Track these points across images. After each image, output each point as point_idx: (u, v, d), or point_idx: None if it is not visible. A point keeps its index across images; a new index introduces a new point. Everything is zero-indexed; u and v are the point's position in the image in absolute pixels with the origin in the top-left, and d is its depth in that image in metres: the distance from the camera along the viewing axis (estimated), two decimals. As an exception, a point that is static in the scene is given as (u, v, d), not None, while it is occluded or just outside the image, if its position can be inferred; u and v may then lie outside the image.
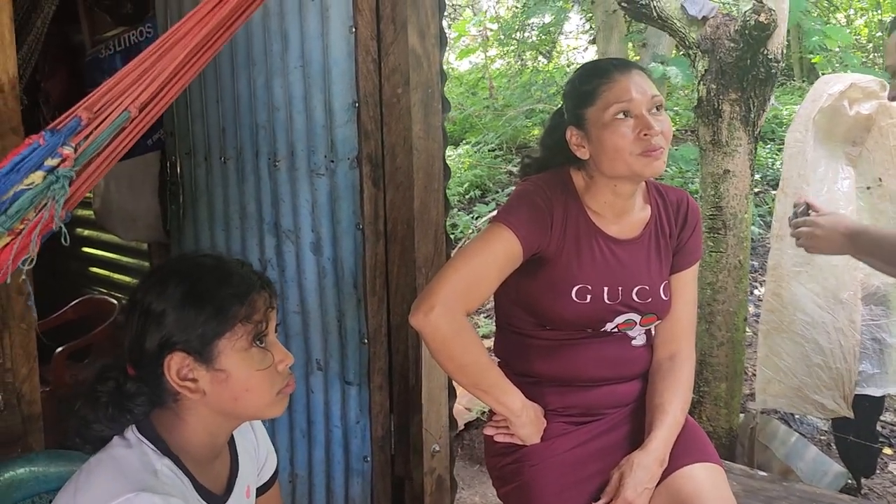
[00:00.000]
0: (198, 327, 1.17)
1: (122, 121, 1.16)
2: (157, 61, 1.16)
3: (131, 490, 1.08)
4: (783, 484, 1.91)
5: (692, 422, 1.78)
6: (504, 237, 1.59)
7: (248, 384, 1.20)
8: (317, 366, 2.42)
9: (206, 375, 1.18)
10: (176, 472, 1.17)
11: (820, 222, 1.96)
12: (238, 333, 1.19)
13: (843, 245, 1.96)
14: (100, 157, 1.17)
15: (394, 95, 2.19)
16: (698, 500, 1.57)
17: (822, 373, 2.70)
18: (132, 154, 3.27)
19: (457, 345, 1.58)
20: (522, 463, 1.70)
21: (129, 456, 1.16)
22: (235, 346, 1.19)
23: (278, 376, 1.23)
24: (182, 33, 1.17)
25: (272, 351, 1.23)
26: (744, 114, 3.03)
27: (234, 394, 1.19)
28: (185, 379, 1.18)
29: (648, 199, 1.76)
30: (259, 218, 2.47)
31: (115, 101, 1.16)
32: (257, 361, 1.20)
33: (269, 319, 1.24)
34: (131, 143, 1.21)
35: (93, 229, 4.11)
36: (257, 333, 1.21)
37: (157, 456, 1.17)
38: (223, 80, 2.49)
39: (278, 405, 1.25)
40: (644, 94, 1.57)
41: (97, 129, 1.15)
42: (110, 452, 1.17)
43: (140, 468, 1.14)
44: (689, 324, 1.80)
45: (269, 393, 1.22)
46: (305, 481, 2.50)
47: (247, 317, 1.19)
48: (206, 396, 1.19)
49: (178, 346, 1.17)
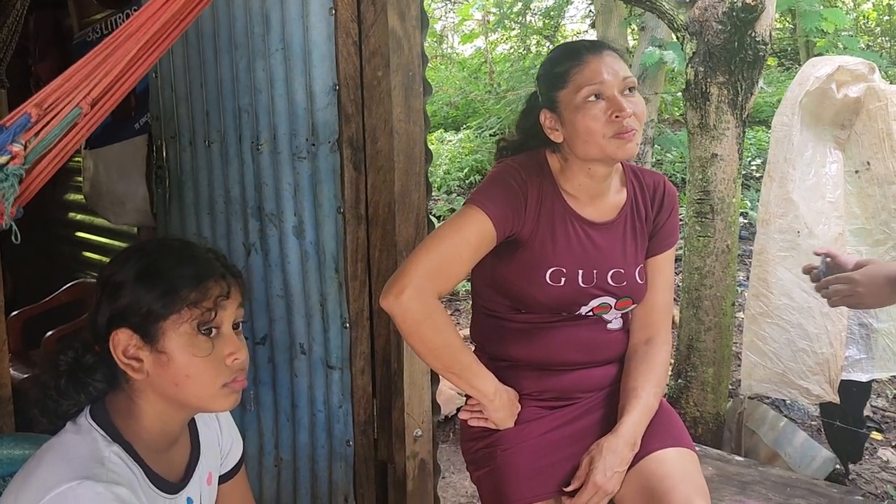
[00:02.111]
0: (145, 305, 1.17)
1: (73, 117, 1.16)
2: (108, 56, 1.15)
3: (74, 478, 1.08)
4: (759, 469, 1.91)
5: (667, 406, 1.78)
6: (477, 219, 1.58)
7: (188, 370, 1.18)
8: (300, 350, 2.42)
9: (150, 356, 1.18)
10: (125, 459, 1.16)
11: (857, 278, 1.86)
12: (184, 317, 1.18)
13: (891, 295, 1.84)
14: (51, 154, 1.16)
15: (374, 78, 2.17)
16: (669, 485, 1.57)
17: (807, 358, 2.69)
18: (121, 138, 3.29)
19: (428, 327, 1.58)
20: (495, 447, 1.70)
21: (78, 442, 1.15)
22: (179, 330, 1.18)
23: (225, 369, 1.21)
24: (134, 28, 1.16)
25: (223, 343, 1.21)
26: (731, 97, 3.02)
27: (174, 378, 1.18)
28: (130, 357, 1.18)
29: (625, 182, 1.75)
30: (243, 202, 2.47)
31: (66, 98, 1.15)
32: (199, 348, 1.19)
33: (220, 308, 1.21)
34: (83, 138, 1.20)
35: (85, 213, 4.11)
36: (203, 322, 1.19)
37: (106, 443, 1.16)
38: (207, 63, 2.48)
39: (223, 399, 1.22)
40: (615, 76, 1.56)
41: (48, 125, 1.14)
42: (60, 439, 1.17)
43: (86, 456, 1.13)
44: (665, 308, 1.79)
45: (212, 384, 1.20)
46: (290, 465, 2.50)
47: (195, 301, 1.18)
48: (150, 378, 1.19)
49: (126, 321, 1.17)
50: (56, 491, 1.06)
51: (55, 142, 1.17)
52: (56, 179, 4.09)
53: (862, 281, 1.85)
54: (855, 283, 1.85)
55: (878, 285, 1.83)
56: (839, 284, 1.87)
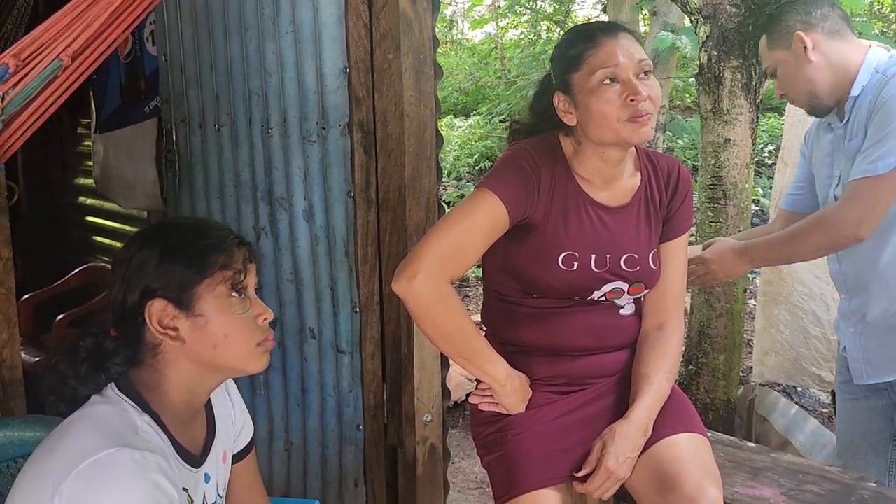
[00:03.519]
0: (177, 274, 1.20)
1: (53, 69, 1.14)
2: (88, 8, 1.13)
3: (112, 445, 1.09)
4: (770, 455, 1.89)
5: (678, 392, 1.76)
6: (489, 202, 1.57)
7: (226, 329, 1.22)
8: (310, 334, 2.42)
9: (186, 322, 1.21)
10: (156, 429, 1.18)
11: (707, 257, 2.06)
12: (217, 280, 1.22)
13: (739, 265, 2.05)
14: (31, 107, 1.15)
15: (385, 61, 2.16)
16: (680, 469, 1.56)
17: (819, 345, 2.67)
18: (131, 122, 3.29)
19: (440, 312, 1.57)
20: (506, 432, 1.69)
21: (110, 412, 1.16)
22: (214, 293, 1.21)
23: (257, 328, 1.26)
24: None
25: (252, 303, 1.26)
26: (745, 81, 2.99)
27: (213, 340, 1.21)
28: (166, 327, 1.20)
29: (639, 167, 1.73)
30: (253, 185, 2.46)
31: (46, 49, 1.13)
32: (236, 307, 1.23)
33: (248, 272, 1.26)
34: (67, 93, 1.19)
35: (95, 198, 4.11)
36: (236, 282, 1.23)
37: (137, 413, 1.18)
38: (216, 45, 2.47)
39: (259, 359, 1.27)
40: (631, 59, 1.54)
41: (26, 76, 1.13)
42: (89, 410, 1.18)
43: (121, 424, 1.14)
44: (678, 294, 1.78)
45: (249, 342, 1.24)
46: (300, 449, 2.51)
47: (225, 265, 1.23)
48: (187, 345, 1.21)
49: (157, 293, 1.19)
50: (95, 457, 1.06)
51: (34, 94, 1.16)
52: (66, 163, 4.10)
53: (712, 259, 2.05)
54: (707, 263, 2.05)
55: (726, 259, 2.04)
56: (693, 266, 2.04)
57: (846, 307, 2.06)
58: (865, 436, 2.05)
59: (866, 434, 2.04)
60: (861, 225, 1.84)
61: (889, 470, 2.00)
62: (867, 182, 1.82)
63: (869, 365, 2.01)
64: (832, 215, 1.90)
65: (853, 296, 2.05)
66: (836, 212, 1.89)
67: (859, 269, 2.00)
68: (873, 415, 2.02)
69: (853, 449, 2.09)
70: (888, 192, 1.83)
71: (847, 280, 2.06)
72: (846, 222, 1.85)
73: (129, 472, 1.06)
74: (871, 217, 1.84)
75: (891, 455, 1.99)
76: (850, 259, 2.02)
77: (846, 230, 1.86)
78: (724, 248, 2.07)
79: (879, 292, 1.97)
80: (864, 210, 1.84)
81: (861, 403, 2.06)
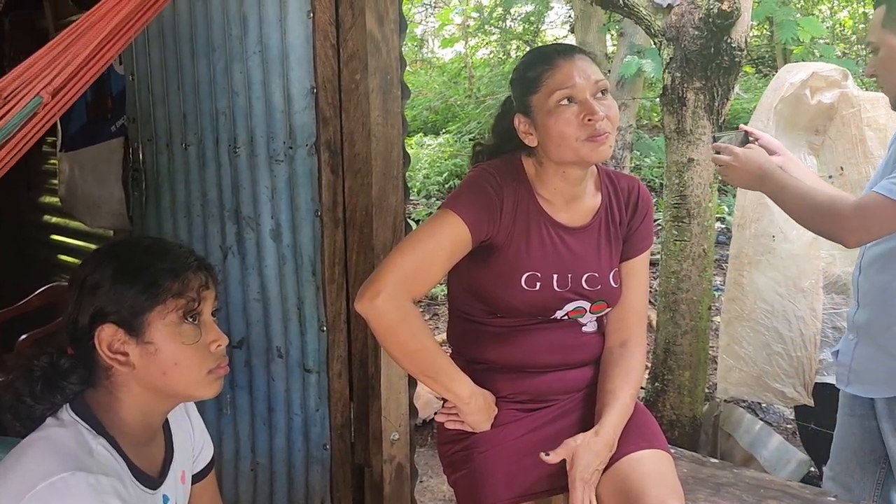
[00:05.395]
0: (128, 299, 1.18)
1: (33, 106, 1.14)
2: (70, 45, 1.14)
3: (66, 469, 1.08)
4: (733, 471, 1.92)
5: (641, 408, 1.79)
6: (452, 223, 1.59)
7: (176, 358, 1.21)
8: (277, 353, 2.41)
9: (136, 349, 1.19)
10: (111, 451, 1.17)
11: (738, 153, 2.00)
12: (169, 307, 1.20)
13: (752, 181, 2.01)
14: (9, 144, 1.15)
15: (352, 81, 2.17)
16: (644, 486, 1.58)
17: (782, 361, 2.71)
18: (97, 140, 3.27)
19: (403, 331, 1.58)
20: (472, 450, 1.70)
21: (64, 435, 1.15)
22: (165, 320, 1.20)
23: (210, 355, 1.24)
24: (97, 17, 1.15)
25: (206, 330, 1.24)
26: (708, 102, 3.04)
27: (162, 368, 1.20)
28: (115, 352, 1.19)
29: (600, 187, 1.76)
30: (220, 205, 2.46)
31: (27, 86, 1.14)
32: (186, 336, 1.22)
33: (203, 299, 1.24)
34: (45, 128, 1.19)
35: (61, 216, 4.07)
36: (189, 310, 1.22)
37: (92, 435, 1.17)
38: (184, 65, 2.47)
39: (210, 386, 1.25)
40: (587, 80, 1.57)
41: (7, 114, 1.13)
42: (44, 433, 1.17)
43: (75, 447, 1.14)
44: (640, 311, 1.81)
45: (199, 370, 1.23)
46: (267, 469, 2.49)
47: (179, 292, 1.21)
48: (137, 371, 1.20)
49: (109, 317, 1.18)
50: (49, 481, 1.06)
51: (14, 132, 1.16)
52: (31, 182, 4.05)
53: (740, 158, 2.00)
54: (734, 157, 2.01)
55: (749, 169, 1.99)
56: (724, 154, 2.02)
57: (852, 314, 2.05)
58: (856, 453, 2.06)
59: (857, 452, 2.06)
60: (853, 235, 1.84)
61: (875, 490, 2.01)
62: (885, 203, 1.77)
63: (853, 374, 2.02)
64: (839, 208, 1.86)
65: (862, 306, 2.03)
66: (843, 209, 1.85)
67: (873, 284, 1.99)
68: (867, 434, 2.03)
69: (843, 463, 2.10)
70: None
71: (860, 290, 2.04)
72: (843, 224, 1.84)
73: (83, 496, 1.06)
74: (867, 235, 1.85)
75: (878, 476, 2.01)
76: (868, 273, 2.00)
77: (837, 229, 1.86)
78: (756, 158, 2.01)
79: (885, 311, 1.96)
80: (866, 226, 1.82)
81: (856, 421, 2.07)
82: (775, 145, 2.13)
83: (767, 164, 2.01)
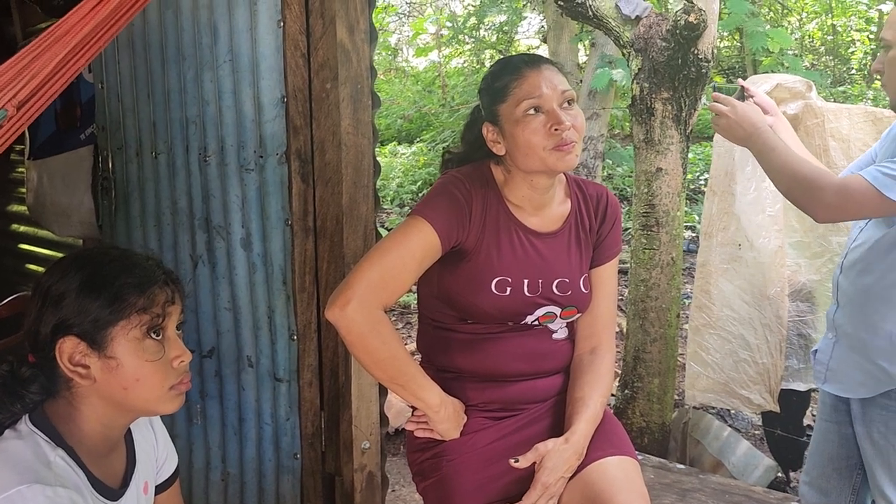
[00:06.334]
0: (92, 312, 1.17)
1: None
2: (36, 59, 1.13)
3: (24, 482, 1.07)
4: (699, 476, 1.95)
5: (609, 414, 1.81)
6: (421, 230, 1.60)
7: (138, 374, 1.20)
8: (248, 362, 2.40)
9: (98, 362, 1.19)
10: (70, 463, 1.17)
11: (737, 106, 2.01)
12: (133, 323, 1.19)
13: (743, 137, 2.02)
14: None
15: (323, 90, 2.18)
16: (611, 492, 1.59)
17: (748, 368, 2.75)
18: (66, 148, 3.24)
19: (373, 339, 1.58)
20: (441, 458, 1.71)
21: (21, 447, 1.15)
22: (129, 335, 1.19)
23: (172, 371, 1.24)
24: (62, 32, 1.15)
25: (169, 346, 1.23)
26: (675, 112, 3.08)
27: (123, 383, 1.19)
28: (76, 364, 1.18)
29: (569, 194, 1.78)
30: (190, 213, 2.45)
31: None
32: (149, 352, 1.21)
33: (168, 314, 1.24)
34: (9, 141, 1.18)
35: (29, 225, 4.03)
36: (153, 325, 1.21)
37: (50, 447, 1.16)
38: (154, 73, 2.46)
39: (171, 402, 1.25)
40: (554, 90, 1.59)
41: None
42: (1, 445, 1.15)
43: (33, 459, 1.13)
44: (609, 318, 1.83)
45: (160, 386, 1.22)
46: (237, 479, 2.48)
47: (144, 308, 1.20)
48: (97, 384, 1.19)
49: (71, 330, 1.17)
50: (5, 494, 1.05)
51: None
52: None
53: (737, 111, 2.01)
54: (732, 109, 2.01)
55: (743, 124, 2.00)
56: (722, 105, 2.02)
57: (832, 313, 2.06)
58: (833, 459, 2.07)
59: (834, 458, 2.07)
60: (826, 210, 1.85)
61: (851, 497, 2.03)
62: (867, 190, 1.77)
63: (831, 372, 2.03)
64: (821, 182, 1.86)
65: (841, 306, 2.04)
66: (824, 184, 1.85)
67: (854, 286, 1.99)
68: (843, 441, 2.04)
69: (820, 469, 2.11)
70: (875, 210, 1.81)
71: (840, 290, 2.04)
72: (820, 197, 1.84)
73: None
74: (840, 215, 1.87)
75: (853, 481, 2.04)
76: (849, 274, 2.00)
77: (813, 202, 1.86)
78: (752, 115, 2.02)
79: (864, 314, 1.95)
80: (842, 206, 1.83)
81: (833, 427, 2.07)
82: (769, 105, 2.17)
83: (761, 124, 2.02)
